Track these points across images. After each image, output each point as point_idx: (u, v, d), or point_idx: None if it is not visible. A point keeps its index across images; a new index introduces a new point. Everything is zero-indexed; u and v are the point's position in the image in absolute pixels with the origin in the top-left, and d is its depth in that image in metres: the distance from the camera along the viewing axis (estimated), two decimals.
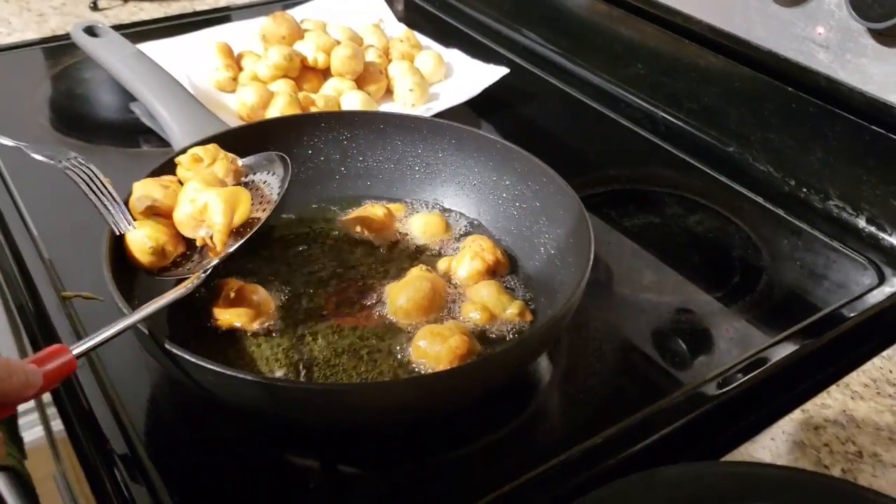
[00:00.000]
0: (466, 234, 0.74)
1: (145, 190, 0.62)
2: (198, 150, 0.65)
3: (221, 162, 0.65)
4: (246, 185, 0.66)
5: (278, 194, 0.63)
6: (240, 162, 0.67)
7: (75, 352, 0.48)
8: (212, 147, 0.66)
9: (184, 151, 0.65)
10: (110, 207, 0.60)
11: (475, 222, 0.75)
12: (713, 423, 0.62)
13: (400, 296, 0.64)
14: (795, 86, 0.82)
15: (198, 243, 0.60)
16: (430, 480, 0.56)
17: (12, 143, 0.61)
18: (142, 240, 0.59)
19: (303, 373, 0.59)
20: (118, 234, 0.60)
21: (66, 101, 0.99)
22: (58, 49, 1.08)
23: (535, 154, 0.73)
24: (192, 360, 0.50)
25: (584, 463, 0.56)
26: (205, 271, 0.59)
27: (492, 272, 0.68)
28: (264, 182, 0.66)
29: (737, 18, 0.83)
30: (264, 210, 0.62)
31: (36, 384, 0.44)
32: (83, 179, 0.60)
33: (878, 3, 0.69)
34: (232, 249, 0.60)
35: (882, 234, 0.79)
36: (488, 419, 0.59)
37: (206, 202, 0.59)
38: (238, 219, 0.60)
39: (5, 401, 0.43)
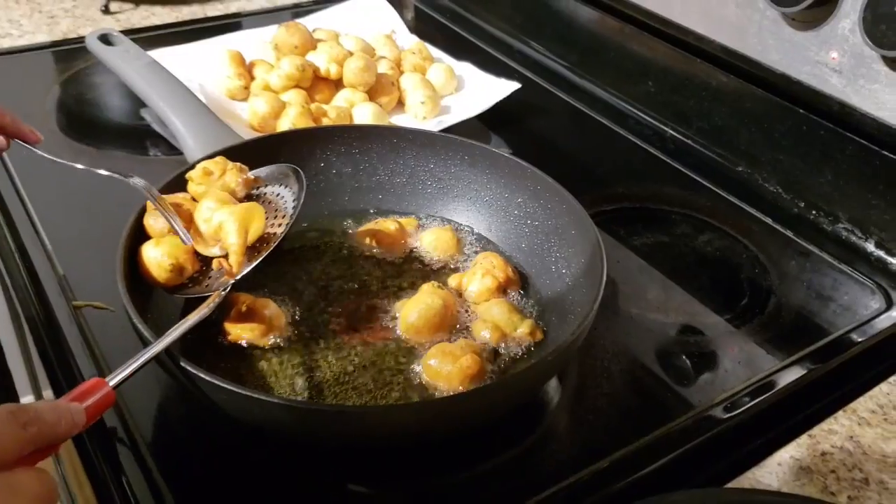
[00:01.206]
0: (478, 250, 0.74)
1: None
2: (207, 163, 0.65)
3: (231, 172, 0.65)
4: (258, 197, 0.66)
5: (294, 208, 0.63)
6: (251, 173, 0.67)
7: (111, 383, 0.48)
8: (220, 159, 0.66)
9: (192, 167, 0.65)
10: (176, 223, 0.61)
11: (486, 239, 0.76)
12: (721, 447, 0.62)
13: (411, 313, 0.64)
14: (807, 108, 0.82)
15: (213, 266, 0.60)
16: (436, 501, 0.56)
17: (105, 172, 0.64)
18: (161, 258, 0.60)
19: (313, 390, 0.59)
20: (187, 244, 0.61)
21: (77, 106, 0.99)
22: (69, 53, 1.09)
23: (545, 169, 0.73)
24: (206, 377, 0.50)
25: (592, 486, 0.56)
26: (224, 289, 0.59)
27: (503, 289, 0.69)
28: (277, 195, 0.66)
29: (751, 40, 0.84)
30: (280, 225, 0.62)
31: (80, 423, 0.45)
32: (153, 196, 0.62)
33: (891, 31, 0.69)
34: (250, 268, 0.60)
35: (890, 259, 0.79)
36: (497, 440, 0.59)
37: (221, 222, 0.59)
38: (252, 236, 0.60)
39: (54, 442, 0.43)
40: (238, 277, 0.60)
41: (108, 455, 0.57)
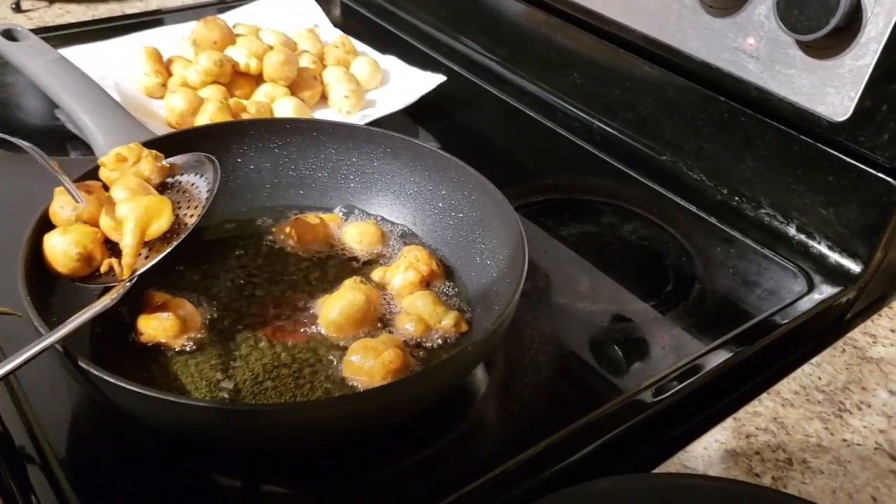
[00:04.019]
0: (402, 244, 0.73)
1: (67, 196, 0.59)
2: (121, 149, 0.63)
3: (146, 160, 0.63)
4: (173, 186, 0.64)
5: (207, 199, 0.61)
6: (166, 161, 0.65)
7: None
8: (135, 146, 0.64)
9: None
10: (67, 183, 0.59)
11: (411, 232, 0.74)
12: (648, 433, 0.62)
13: (332, 309, 0.62)
14: (728, 96, 0.83)
15: (102, 268, 0.58)
16: (360, 498, 0.54)
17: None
18: (67, 247, 0.56)
19: (230, 391, 0.57)
20: (78, 203, 0.58)
21: None
22: None
23: (472, 163, 0.72)
24: (110, 379, 0.48)
25: (520, 476, 0.55)
26: (130, 280, 0.57)
27: (427, 283, 0.67)
28: (192, 184, 0.64)
29: (670, 28, 0.84)
30: (192, 216, 0.60)
31: None
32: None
33: (805, 16, 0.70)
34: (157, 260, 0.58)
35: (811, 242, 0.80)
36: (423, 433, 0.58)
37: (122, 216, 0.57)
38: (157, 231, 0.58)
39: None
40: (146, 268, 0.57)
41: (16, 471, 0.54)
